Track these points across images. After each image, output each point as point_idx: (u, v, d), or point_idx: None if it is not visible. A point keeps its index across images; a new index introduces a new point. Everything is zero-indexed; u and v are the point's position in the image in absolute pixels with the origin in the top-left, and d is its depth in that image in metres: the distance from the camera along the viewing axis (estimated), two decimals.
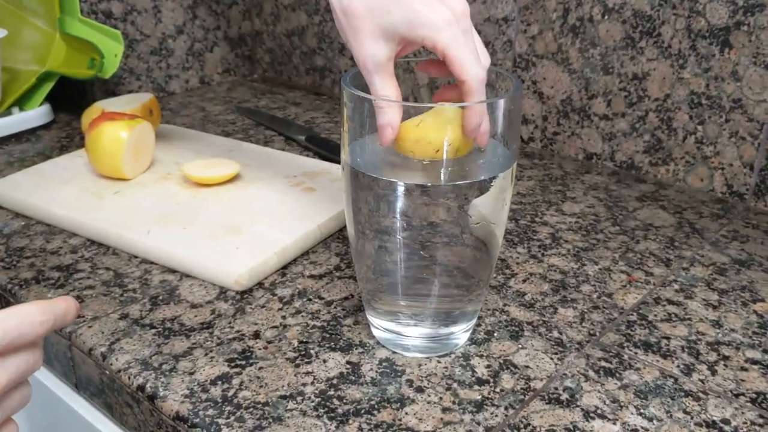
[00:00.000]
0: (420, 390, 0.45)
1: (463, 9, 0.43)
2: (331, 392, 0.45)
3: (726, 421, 0.43)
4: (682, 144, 0.73)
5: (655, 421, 0.43)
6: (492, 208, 0.43)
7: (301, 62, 1.08)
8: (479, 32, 0.84)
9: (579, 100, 0.79)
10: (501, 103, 0.41)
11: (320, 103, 1.01)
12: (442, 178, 0.42)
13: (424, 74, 0.49)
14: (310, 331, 0.51)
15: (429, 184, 0.42)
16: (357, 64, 0.45)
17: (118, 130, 0.69)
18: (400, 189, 0.42)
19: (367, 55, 0.44)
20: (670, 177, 0.75)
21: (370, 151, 0.44)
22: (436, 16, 0.42)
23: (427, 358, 0.48)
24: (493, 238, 0.45)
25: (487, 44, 0.84)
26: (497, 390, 0.45)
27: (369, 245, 0.45)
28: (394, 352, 0.48)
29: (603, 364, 0.47)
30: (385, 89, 0.44)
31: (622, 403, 0.44)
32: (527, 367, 0.47)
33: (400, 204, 0.42)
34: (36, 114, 0.89)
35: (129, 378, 0.47)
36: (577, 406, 0.44)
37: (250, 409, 0.43)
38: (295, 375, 0.46)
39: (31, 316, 0.38)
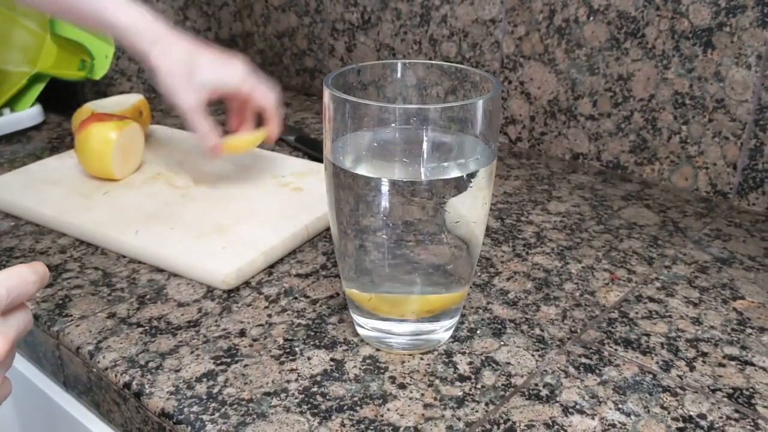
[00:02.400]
0: (402, 386, 0.46)
1: (246, 66, 0.66)
2: (315, 389, 0.45)
3: (702, 416, 0.43)
4: (667, 144, 0.74)
5: (632, 416, 0.43)
6: (471, 207, 0.44)
7: (292, 63, 1.08)
8: (467, 33, 0.85)
9: (565, 101, 0.80)
10: (480, 104, 0.42)
11: (310, 104, 1.02)
12: (422, 176, 0.43)
13: (412, 75, 0.49)
14: (296, 329, 0.51)
15: (406, 180, 0.42)
16: (179, 111, 0.64)
17: (107, 131, 0.69)
18: (379, 186, 0.42)
19: (183, 103, 0.63)
20: (655, 176, 0.76)
21: (352, 150, 0.45)
22: (232, 74, 0.65)
23: (410, 355, 0.48)
24: (474, 237, 0.45)
25: (474, 45, 0.85)
26: (478, 386, 0.46)
27: (351, 244, 0.46)
28: (377, 350, 0.49)
29: (583, 360, 0.48)
30: (200, 124, 0.64)
31: (600, 399, 0.45)
32: (509, 363, 0.48)
33: (378, 202, 0.43)
34: (27, 115, 0.90)
35: (116, 376, 0.47)
36: (557, 401, 0.44)
37: (235, 406, 0.44)
38: (279, 372, 0.47)
39: (24, 277, 0.39)
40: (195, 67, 0.62)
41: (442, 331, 0.49)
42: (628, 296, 0.55)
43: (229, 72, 0.65)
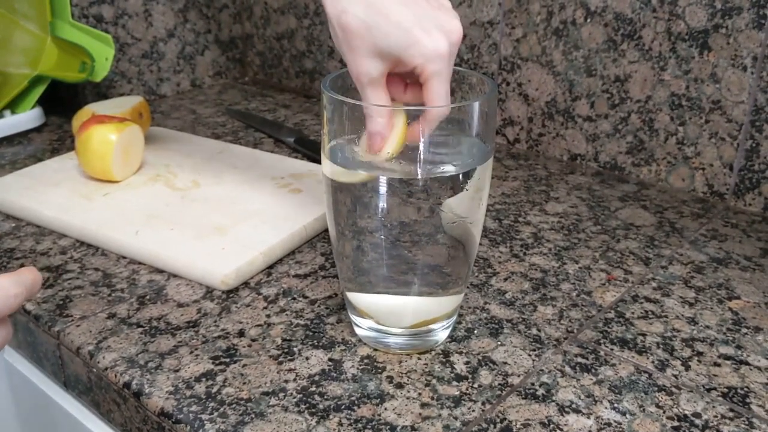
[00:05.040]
0: (400, 386, 0.46)
1: (458, 37, 0.44)
2: (313, 388, 0.46)
3: (697, 415, 0.44)
4: (664, 145, 0.74)
5: (627, 415, 0.44)
6: (468, 207, 0.44)
7: (291, 65, 1.09)
8: (465, 35, 0.85)
9: (563, 102, 0.80)
10: (476, 105, 0.43)
11: (310, 106, 1.02)
12: (419, 177, 0.43)
13: None
14: (294, 329, 0.52)
15: (403, 178, 0.43)
16: (351, 76, 0.46)
17: (107, 132, 0.70)
18: (375, 187, 0.43)
19: (361, 71, 0.45)
20: (653, 177, 0.76)
21: (349, 151, 0.45)
22: (434, 46, 0.43)
23: (408, 355, 0.49)
24: (470, 237, 0.46)
25: (473, 47, 0.85)
26: (475, 386, 0.46)
27: (348, 245, 0.46)
28: (375, 350, 0.49)
29: (579, 360, 0.49)
30: (377, 102, 0.45)
31: (596, 398, 0.45)
32: (505, 363, 0.48)
33: (375, 203, 0.43)
34: (28, 117, 0.90)
35: (115, 375, 0.48)
36: (553, 401, 0.45)
37: (233, 405, 0.44)
38: (277, 372, 0.47)
39: (5, 290, 0.37)
40: (387, 26, 0.43)
41: (439, 332, 0.49)
42: (624, 296, 0.56)
43: (428, 46, 0.43)
